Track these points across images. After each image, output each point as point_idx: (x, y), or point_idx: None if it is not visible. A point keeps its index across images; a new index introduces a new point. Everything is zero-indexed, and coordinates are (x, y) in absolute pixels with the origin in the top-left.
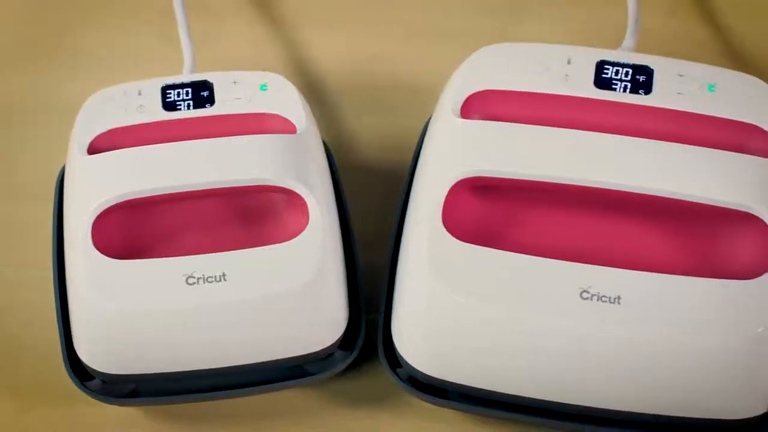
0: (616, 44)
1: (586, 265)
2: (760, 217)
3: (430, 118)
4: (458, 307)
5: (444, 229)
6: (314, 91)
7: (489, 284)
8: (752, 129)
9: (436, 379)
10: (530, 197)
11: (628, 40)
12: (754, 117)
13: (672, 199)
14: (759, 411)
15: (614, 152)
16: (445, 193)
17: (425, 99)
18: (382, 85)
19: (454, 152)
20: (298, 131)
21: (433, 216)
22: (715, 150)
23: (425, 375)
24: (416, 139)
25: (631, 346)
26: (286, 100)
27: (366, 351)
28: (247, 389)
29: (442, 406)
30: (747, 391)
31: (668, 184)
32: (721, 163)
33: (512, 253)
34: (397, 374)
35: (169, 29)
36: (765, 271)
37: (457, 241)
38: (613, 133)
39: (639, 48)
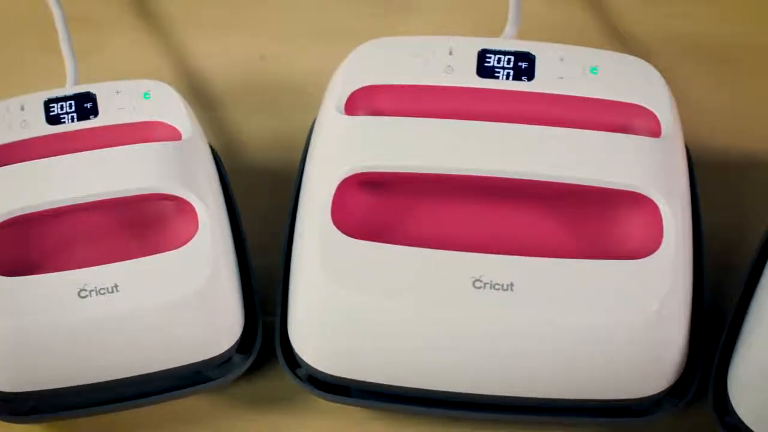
0: (500, 33)
1: (478, 254)
2: (649, 196)
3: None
4: (351, 303)
5: (334, 227)
6: (201, 96)
7: (381, 279)
8: (637, 109)
9: (336, 377)
10: (420, 190)
11: (510, 28)
12: (639, 97)
13: (561, 183)
14: (661, 388)
15: (500, 140)
16: (333, 191)
17: (312, 98)
18: (270, 86)
19: (340, 149)
20: (183, 137)
21: (322, 214)
22: (601, 132)
23: (324, 374)
24: (305, 139)
25: (526, 332)
26: (169, 106)
27: (265, 353)
28: (147, 399)
29: (344, 403)
30: (647, 369)
31: (556, 168)
32: (608, 144)
33: (403, 247)
34: (296, 375)
35: (51, 42)
36: (656, 250)
37: (348, 238)
38: (498, 121)
39: (522, 35)
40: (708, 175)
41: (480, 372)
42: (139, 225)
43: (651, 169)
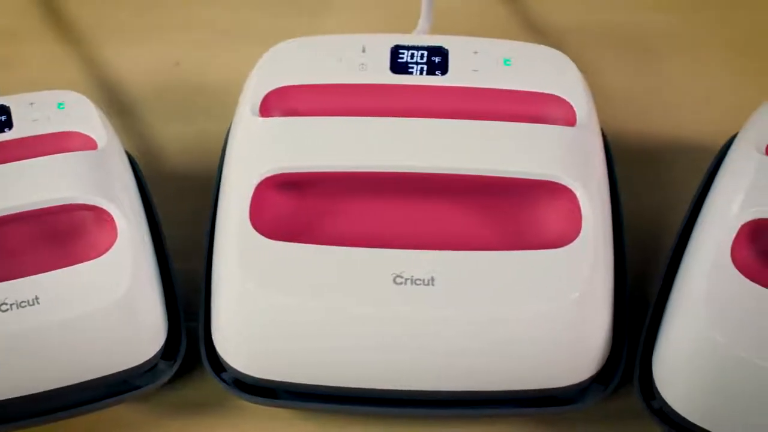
0: (414, 28)
1: (398, 250)
2: (566, 184)
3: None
4: (272, 305)
5: (252, 230)
6: (118, 105)
7: (301, 279)
8: (552, 99)
9: (262, 380)
10: (339, 189)
11: (423, 23)
12: (553, 87)
13: (478, 175)
14: (586, 375)
15: (415, 135)
16: (251, 194)
17: (230, 101)
18: (186, 91)
19: (256, 152)
20: (99, 147)
21: (241, 217)
22: (517, 123)
23: (249, 376)
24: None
25: (448, 325)
26: (84, 116)
27: (191, 359)
28: (74, 410)
29: (271, 405)
30: (571, 357)
31: (472, 161)
32: (523, 135)
33: (323, 246)
34: (222, 379)
35: None
36: (575, 238)
37: (267, 239)
38: (414, 116)
39: (436, 30)
40: (627, 162)
41: (404, 368)
42: (58, 236)
43: (567, 158)
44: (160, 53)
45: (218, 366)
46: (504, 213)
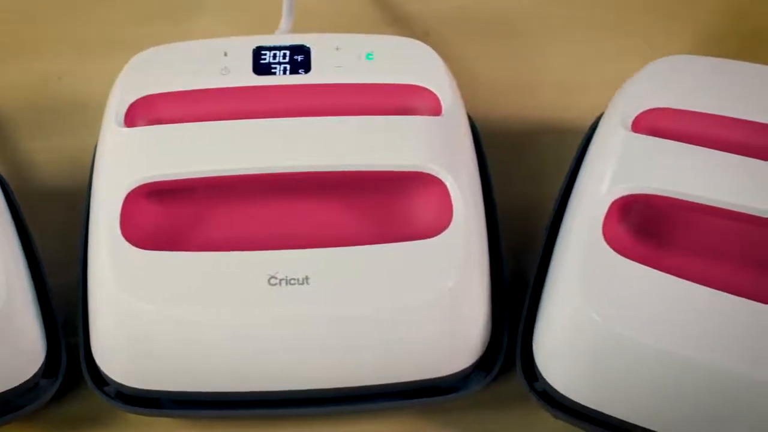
0: (274, 29)
1: (271, 251)
2: (434, 174)
3: None
4: (148, 315)
5: (124, 241)
6: None
7: (176, 288)
8: (416, 90)
9: (144, 390)
10: (209, 194)
11: (284, 23)
12: (416, 78)
13: (347, 171)
14: (467, 363)
15: (281, 135)
16: (120, 205)
17: (99, 112)
18: (56, 106)
19: (123, 162)
20: None
21: (111, 229)
22: (382, 116)
23: (131, 388)
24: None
25: (325, 323)
26: None
27: (72, 374)
28: None
29: (156, 416)
30: (450, 346)
31: (340, 157)
32: (389, 128)
33: (197, 253)
34: (105, 392)
35: None
36: (447, 227)
37: (139, 250)
38: (279, 116)
39: (300, 28)
40: (499, 148)
41: (284, 368)
42: None
43: (434, 148)
44: (28, 69)
45: (101, 380)
46: (376, 207)
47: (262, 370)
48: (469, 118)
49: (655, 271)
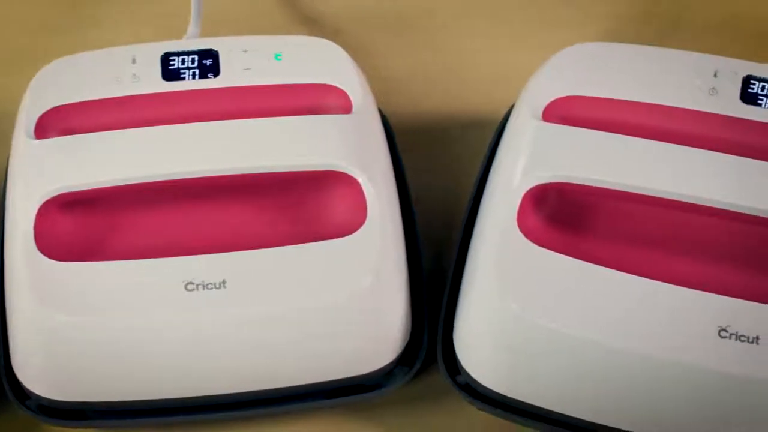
0: (182, 34)
1: (187, 257)
2: (347, 172)
3: None
4: (66, 326)
5: (39, 253)
6: None
7: (93, 298)
8: (326, 89)
9: (65, 403)
10: (123, 203)
11: (193, 28)
12: (325, 77)
13: (259, 173)
14: (389, 359)
15: (194, 140)
16: (33, 217)
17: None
18: None
19: (35, 174)
20: None
21: (26, 242)
22: (292, 117)
23: (53, 401)
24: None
25: (244, 326)
26: None
27: None
28: None
29: (80, 427)
30: (371, 342)
31: (251, 160)
32: (299, 128)
33: (113, 262)
34: (27, 407)
35: None
36: (362, 224)
37: (55, 262)
38: (190, 122)
39: (209, 32)
40: (413, 143)
41: (207, 373)
42: None
43: (345, 146)
44: None
45: (22, 393)
46: (291, 208)
47: (184, 377)
48: (382, 115)
49: (571, 258)
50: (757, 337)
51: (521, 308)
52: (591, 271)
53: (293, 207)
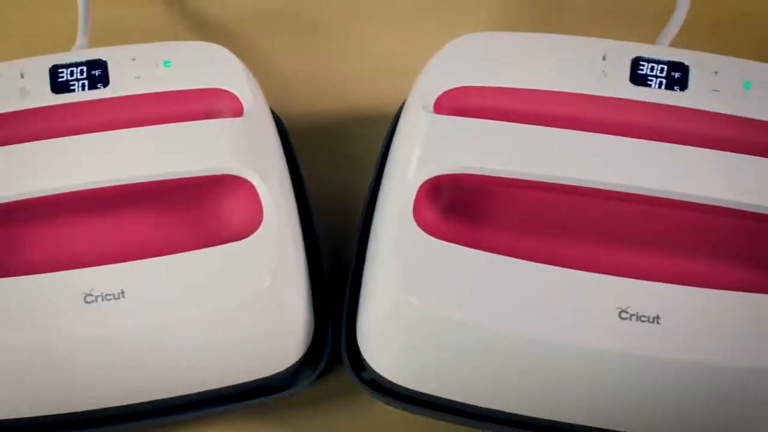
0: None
1: (86, 269)
2: (241, 175)
3: None
4: None
5: None
6: None
7: None
8: (216, 93)
9: None
10: (19, 218)
11: (81, 39)
12: (216, 81)
13: (155, 181)
14: (293, 360)
15: (85, 152)
16: None
17: None
18: None
19: None
20: None
21: None
22: (183, 123)
23: None
24: None
25: (143, 336)
26: None
27: None
28: None
29: None
30: (273, 344)
31: (145, 168)
32: (189, 133)
33: (11, 278)
34: None
35: None
36: (258, 227)
37: None
38: (81, 133)
39: (99, 43)
40: (311, 143)
41: (110, 384)
42: None
43: (237, 149)
44: None
45: None
46: (188, 214)
47: (88, 389)
48: (277, 116)
49: (469, 249)
50: (658, 317)
51: (420, 301)
52: (488, 260)
53: (190, 213)
